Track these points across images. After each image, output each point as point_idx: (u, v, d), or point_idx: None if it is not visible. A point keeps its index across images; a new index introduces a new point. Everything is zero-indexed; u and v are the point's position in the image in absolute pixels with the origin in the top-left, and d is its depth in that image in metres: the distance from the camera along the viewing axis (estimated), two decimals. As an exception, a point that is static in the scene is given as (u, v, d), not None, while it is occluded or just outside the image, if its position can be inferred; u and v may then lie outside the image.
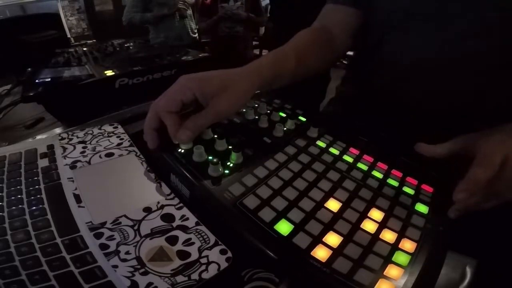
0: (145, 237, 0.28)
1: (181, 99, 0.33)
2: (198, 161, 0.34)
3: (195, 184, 0.32)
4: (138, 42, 0.82)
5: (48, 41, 1.21)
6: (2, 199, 0.31)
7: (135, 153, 0.40)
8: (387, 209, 0.31)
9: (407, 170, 0.37)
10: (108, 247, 0.27)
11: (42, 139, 0.44)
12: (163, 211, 0.31)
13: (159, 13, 1.95)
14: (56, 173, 0.35)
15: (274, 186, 0.32)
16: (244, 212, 0.28)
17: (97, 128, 0.46)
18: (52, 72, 0.55)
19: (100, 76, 0.55)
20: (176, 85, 0.35)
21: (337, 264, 0.25)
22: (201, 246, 0.28)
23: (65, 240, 0.27)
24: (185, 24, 2.09)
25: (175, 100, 0.34)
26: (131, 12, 1.96)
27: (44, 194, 0.32)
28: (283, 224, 0.28)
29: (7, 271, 0.24)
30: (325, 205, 0.30)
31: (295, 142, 0.39)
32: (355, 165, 0.37)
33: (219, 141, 0.36)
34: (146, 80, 0.58)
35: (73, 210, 0.30)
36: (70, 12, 3.15)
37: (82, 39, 2.88)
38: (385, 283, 0.24)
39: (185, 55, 0.70)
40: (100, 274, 0.24)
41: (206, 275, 0.25)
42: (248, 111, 0.43)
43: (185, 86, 0.34)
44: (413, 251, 0.27)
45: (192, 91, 0.34)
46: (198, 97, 0.34)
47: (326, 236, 0.27)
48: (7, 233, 0.27)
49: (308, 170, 0.34)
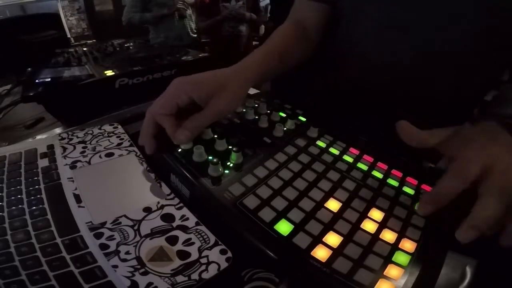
0: (145, 237, 0.28)
1: (177, 102, 0.34)
2: (198, 161, 0.34)
3: (195, 184, 0.32)
4: (138, 42, 0.82)
5: (48, 41, 1.21)
6: (2, 199, 0.31)
7: (135, 153, 0.40)
8: (387, 209, 0.31)
9: (407, 170, 0.37)
10: (108, 247, 0.27)
11: (42, 139, 0.44)
12: (163, 211, 0.31)
13: (158, 13, 1.95)
14: (56, 173, 0.35)
15: (274, 186, 0.32)
16: (244, 212, 0.28)
17: (97, 128, 0.46)
18: (52, 72, 0.55)
19: (100, 76, 0.55)
20: (171, 88, 0.35)
21: (337, 264, 0.25)
22: (201, 246, 0.28)
23: (65, 240, 0.27)
24: (185, 24, 2.08)
25: (171, 103, 0.34)
26: (130, 12, 1.96)
27: (44, 194, 0.32)
28: (283, 224, 0.28)
29: (7, 271, 0.24)
30: (325, 205, 0.30)
31: (295, 142, 0.39)
32: (355, 165, 0.37)
33: (219, 141, 0.36)
34: (146, 80, 0.58)
35: (73, 210, 0.30)
36: (70, 12, 3.15)
37: (82, 39, 2.88)
38: (385, 283, 0.24)
39: (185, 55, 0.70)
40: (100, 274, 0.24)
41: (206, 275, 0.25)
42: (248, 111, 0.43)
43: (181, 90, 0.34)
44: (413, 251, 0.27)
45: (187, 94, 0.34)
46: (196, 99, 0.34)
47: (326, 236, 0.27)
48: (7, 233, 0.27)
49: (308, 170, 0.34)
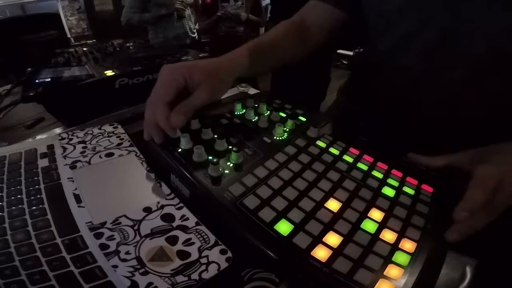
0: (145, 237, 0.28)
1: (176, 86, 0.35)
2: (198, 161, 0.34)
3: (195, 184, 0.32)
4: (138, 42, 0.82)
5: (48, 41, 1.21)
6: (2, 199, 0.31)
7: (135, 153, 0.40)
8: (387, 209, 0.31)
9: (407, 170, 0.37)
10: (108, 247, 0.27)
11: (42, 139, 0.44)
12: (163, 211, 0.31)
13: (157, 13, 1.95)
14: (56, 173, 0.35)
15: (274, 186, 0.32)
16: (244, 212, 0.28)
17: (97, 128, 0.46)
18: (52, 72, 0.55)
19: (100, 76, 0.54)
20: (166, 75, 0.36)
21: (337, 264, 0.25)
22: (201, 246, 0.28)
23: (65, 240, 0.27)
24: (184, 24, 2.08)
25: (169, 89, 0.35)
26: (129, 13, 1.95)
27: (44, 194, 0.32)
28: (283, 224, 0.28)
29: (7, 271, 0.24)
30: (325, 205, 0.30)
31: (295, 142, 0.39)
32: (355, 165, 0.37)
33: (219, 141, 0.36)
34: (146, 80, 0.58)
35: (73, 210, 0.30)
36: (70, 12, 3.15)
37: (82, 39, 2.88)
38: (385, 283, 0.24)
39: (185, 55, 0.70)
40: (100, 274, 0.24)
41: (206, 275, 0.25)
42: (248, 111, 0.43)
43: (177, 73, 0.35)
44: (413, 251, 0.27)
45: (183, 76, 0.35)
46: (188, 82, 0.35)
47: (326, 236, 0.27)
48: (7, 233, 0.27)
49: (308, 170, 0.34)
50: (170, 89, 0.35)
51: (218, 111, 0.45)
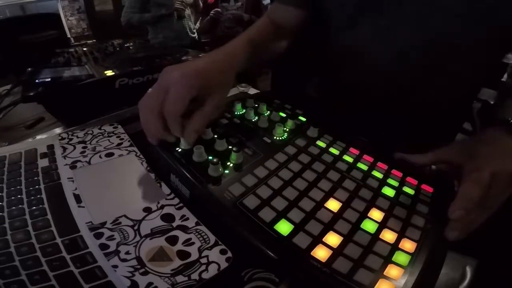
0: (145, 237, 0.28)
1: (190, 98, 0.33)
2: (198, 161, 0.34)
3: (195, 184, 0.32)
4: (138, 42, 0.82)
5: (48, 41, 1.21)
6: (2, 199, 0.31)
7: (135, 153, 0.40)
8: (387, 209, 0.31)
9: (407, 170, 0.37)
10: (108, 247, 0.27)
11: (42, 139, 0.44)
12: (163, 211, 0.31)
13: (157, 13, 1.95)
14: (56, 173, 0.35)
15: (274, 186, 0.32)
16: (244, 212, 0.28)
17: (97, 128, 0.46)
18: (52, 72, 0.55)
19: (100, 76, 0.54)
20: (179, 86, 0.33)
21: (337, 264, 0.25)
22: (201, 246, 0.28)
23: (65, 240, 0.27)
24: (184, 24, 2.08)
25: (184, 102, 0.32)
26: (129, 13, 1.96)
27: (44, 194, 0.32)
28: (283, 224, 0.28)
29: (7, 271, 0.24)
30: (325, 205, 0.30)
31: (295, 142, 0.39)
32: (355, 165, 0.37)
33: (219, 141, 0.36)
34: (146, 80, 0.58)
35: (73, 210, 0.30)
36: (70, 12, 3.14)
37: (82, 39, 2.88)
38: (385, 283, 0.24)
39: (185, 55, 0.70)
40: (100, 274, 0.24)
41: (206, 275, 0.25)
42: (248, 111, 0.43)
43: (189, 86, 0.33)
44: (413, 251, 0.27)
45: (195, 89, 0.33)
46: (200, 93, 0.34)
47: (326, 236, 0.27)
48: (7, 233, 0.27)
49: (308, 170, 0.34)
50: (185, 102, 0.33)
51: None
